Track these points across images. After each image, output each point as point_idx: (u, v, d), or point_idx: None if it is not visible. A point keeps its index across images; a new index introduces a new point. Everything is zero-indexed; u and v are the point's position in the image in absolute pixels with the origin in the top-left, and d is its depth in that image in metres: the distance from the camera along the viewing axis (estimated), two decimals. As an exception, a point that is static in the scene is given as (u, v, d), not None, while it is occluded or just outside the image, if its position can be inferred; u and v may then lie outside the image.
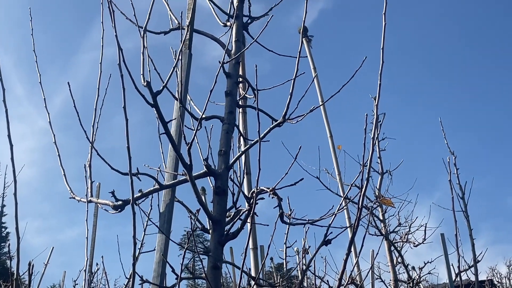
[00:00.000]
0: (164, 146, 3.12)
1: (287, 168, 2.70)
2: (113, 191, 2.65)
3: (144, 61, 2.41)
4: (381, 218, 7.23)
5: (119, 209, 2.69)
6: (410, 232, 7.15)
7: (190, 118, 3.14)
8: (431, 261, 7.08)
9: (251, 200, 2.62)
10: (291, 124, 2.81)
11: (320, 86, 7.40)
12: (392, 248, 7.10)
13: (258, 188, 2.61)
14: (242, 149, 3.46)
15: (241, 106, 3.23)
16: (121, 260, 3.62)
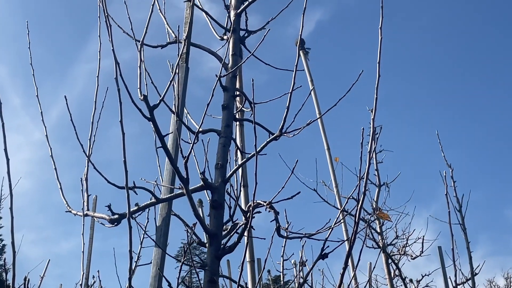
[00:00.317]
0: (161, 159, 3.12)
1: (284, 180, 2.69)
2: (109, 205, 2.65)
3: (141, 75, 2.41)
4: (379, 230, 7.21)
5: (116, 223, 2.68)
6: (408, 244, 7.14)
7: (187, 131, 3.14)
8: (428, 274, 7.06)
9: (248, 214, 2.62)
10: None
11: (317, 99, 7.40)
12: (390, 260, 7.08)
13: (254, 202, 2.60)
14: (239, 162, 3.46)
15: (238, 119, 3.24)
16: (118, 273, 3.60)
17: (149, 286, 2.73)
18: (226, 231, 2.78)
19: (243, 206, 4.70)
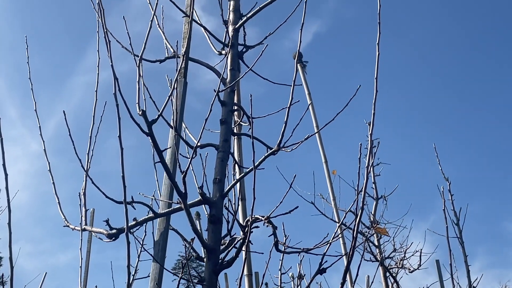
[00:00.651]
0: (159, 174, 3.12)
1: (282, 193, 2.69)
2: (108, 219, 2.65)
3: (140, 90, 2.42)
4: (376, 243, 7.20)
5: (113, 238, 2.68)
6: (406, 257, 7.13)
7: (185, 145, 3.14)
8: (426, 287, 7.05)
9: (246, 229, 2.62)
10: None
11: (315, 112, 7.41)
12: (388, 274, 7.07)
13: (252, 216, 2.61)
14: (237, 176, 3.46)
15: (236, 134, 3.25)
16: (115, 286, 3.60)
17: (147, 301, 2.72)
18: (224, 246, 2.78)
19: (241, 219, 4.71)
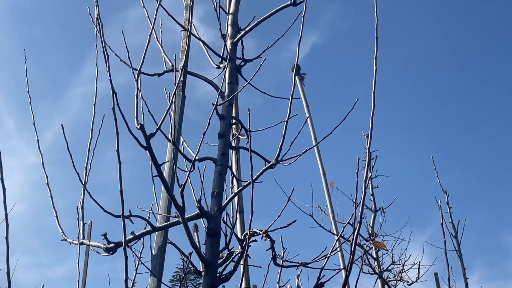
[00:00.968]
0: (157, 187, 3.11)
1: (280, 205, 2.69)
2: (105, 233, 2.64)
3: (138, 104, 2.43)
4: (375, 256, 7.19)
5: (111, 252, 2.67)
6: (404, 270, 7.12)
7: (183, 158, 3.14)
8: (425, 300, 7.03)
9: (244, 243, 2.62)
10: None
11: (313, 125, 7.42)
12: (386, 286, 7.05)
13: (251, 230, 2.60)
14: (235, 190, 3.46)
15: (234, 147, 3.25)
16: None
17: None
18: (222, 259, 2.77)
19: (239, 231, 4.71)
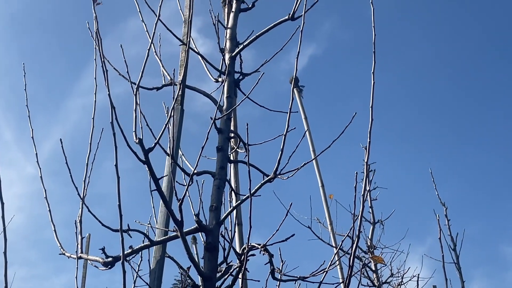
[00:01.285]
0: (155, 200, 3.11)
1: (278, 218, 2.69)
2: (103, 248, 2.64)
3: (137, 118, 2.43)
4: (374, 268, 7.18)
5: (109, 266, 2.67)
6: (403, 282, 7.11)
7: (181, 172, 3.15)
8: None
9: (242, 257, 2.62)
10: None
11: (311, 137, 7.43)
12: (385, 299, 7.04)
13: (249, 244, 2.60)
14: (233, 203, 3.46)
15: (232, 161, 3.25)
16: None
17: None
18: (220, 273, 2.77)
19: (237, 244, 4.70)
